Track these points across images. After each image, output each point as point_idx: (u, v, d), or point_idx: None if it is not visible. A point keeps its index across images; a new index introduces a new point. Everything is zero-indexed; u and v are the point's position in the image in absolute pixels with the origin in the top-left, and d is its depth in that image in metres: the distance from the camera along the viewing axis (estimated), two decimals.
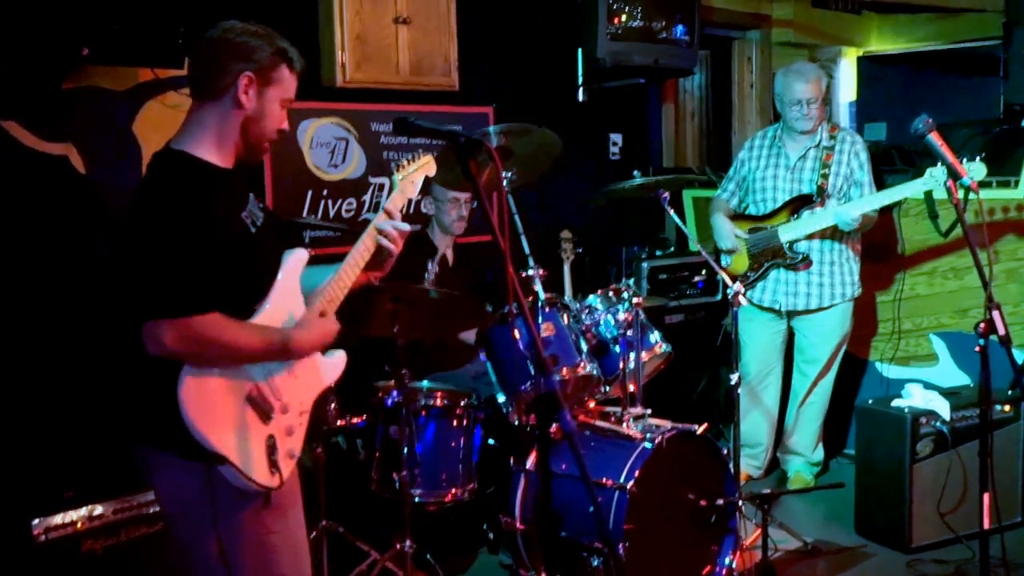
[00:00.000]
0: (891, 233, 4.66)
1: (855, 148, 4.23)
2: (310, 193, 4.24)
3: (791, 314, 4.37)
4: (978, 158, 3.65)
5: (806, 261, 4.23)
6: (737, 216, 4.44)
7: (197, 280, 1.95)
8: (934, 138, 2.74)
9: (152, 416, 2.03)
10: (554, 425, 2.45)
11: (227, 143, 2.11)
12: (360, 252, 2.33)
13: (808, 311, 4.31)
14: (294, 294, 2.22)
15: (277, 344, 2.09)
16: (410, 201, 4.46)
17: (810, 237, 4.22)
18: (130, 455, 2.15)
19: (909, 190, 4.01)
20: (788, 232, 4.23)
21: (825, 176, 4.20)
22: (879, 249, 4.66)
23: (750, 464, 4.54)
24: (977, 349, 2.65)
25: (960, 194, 2.87)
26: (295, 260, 2.22)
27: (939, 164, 3.86)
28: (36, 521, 2.85)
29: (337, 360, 2.36)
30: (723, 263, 4.41)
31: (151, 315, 1.93)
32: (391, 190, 2.53)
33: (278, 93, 2.12)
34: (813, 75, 4.21)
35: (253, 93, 2.08)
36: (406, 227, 2.40)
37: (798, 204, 4.24)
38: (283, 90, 2.14)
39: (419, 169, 2.60)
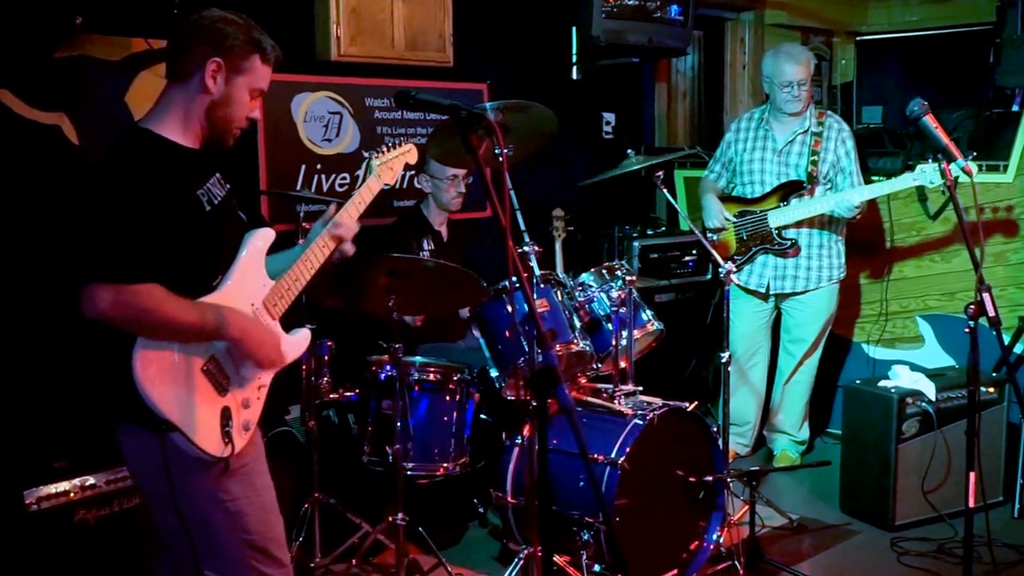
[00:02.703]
0: (879, 216, 4.70)
1: (841, 136, 4.26)
2: (303, 167, 4.23)
3: (778, 296, 4.41)
4: (969, 157, 3.69)
5: (795, 247, 4.27)
6: (726, 198, 4.47)
7: (139, 249, 1.96)
8: (929, 120, 2.76)
9: (111, 386, 2.07)
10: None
11: (192, 124, 2.13)
12: (315, 254, 2.32)
13: (795, 293, 4.35)
14: (257, 274, 2.22)
15: (211, 325, 2.06)
16: (411, 177, 4.52)
17: (799, 225, 4.25)
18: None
19: (900, 184, 4.06)
20: (777, 218, 4.26)
21: (815, 163, 4.23)
22: (868, 231, 4.70)
23: (737, 442, 4.59)
24: (967, 330, 2.68)
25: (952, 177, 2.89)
26: (259, 240, 2.23)
27: (929, 160, 3.92)
28: (28, 491, 2.86)
29: (300, 337, 2.36)
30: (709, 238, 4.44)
31: (89, 278, 1.95)
32: (367, 174, 2.53)
33: (247, 82, 2.15)
34: (803, 57, 4.23)
35: (221, 79, 2.11)
36: (355, 227, 2.40)
37: (788, 190, 4.26)
38: (253, 79, 2.16)
39: (399, 156, 2.61)
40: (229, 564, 2.16)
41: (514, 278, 1.85)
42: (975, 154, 3.68)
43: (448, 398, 3.48)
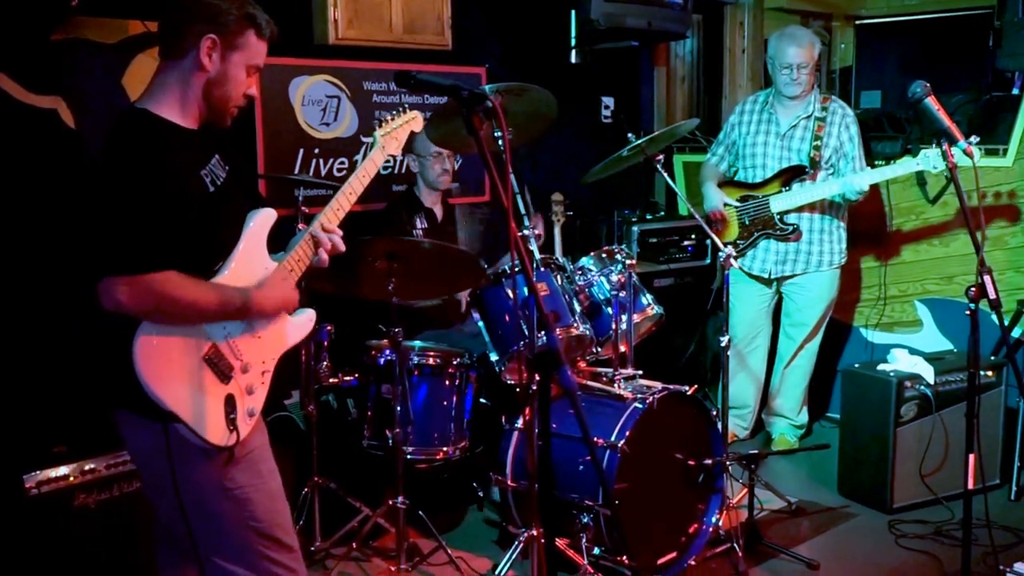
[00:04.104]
0: (878, 199, 4.69)
1: (845, 121, 4.25)
2: (301, 151, 4.21)
3: (780, 279, 4.41)
4: (975, 141, 3.69)
5: (796, 232, 4.26)
6: (728, 183, 4.46)
7: (153, 237, 1.93)
8: (931, 102, 2.75)
9: (111, 374, 2.04)
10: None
11: (190, 104, 2.09)
12: (299, 256, 2.25)
13: (795, 275, 4.35)
14: (259, 255, 2.19)
15: (237, 303, 2.07)
16: (396, 159, 4.49)
17: (800, 210, 4.25)
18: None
19: (902, 168, 4.06)
20: (779, 203, 4.25)
21: (817, 148, 4.22)
22: (866, 216, 4.69)
23: (737, 425, 4.61)
24: (968, 313, 2.67)
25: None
26: (260, 220, 2.19)
27: (933, 145, 3.91)
28: (28, 475, 2.86)
29: (304, 319, 2.33)
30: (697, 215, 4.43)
31: (107, 271, 1.92)
32: (371, 147, 2.48)
33: (243, 58, 2.10)
34: (806, 40, 4.21)
35: (216, 56, 2.06)
36: (341, 246, 2.30)
37: (790, 175, 4.26)
38: (249, 56, 2.11)
39: (403, 125, 2.55)
40: (237, 552, 2.14)
41: (512, 262, 1.83)
42: (977, 139, 3.67)
43: (448, 382, 3.48)
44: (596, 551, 3.15)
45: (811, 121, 4.26)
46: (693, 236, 5.05)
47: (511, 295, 3.26)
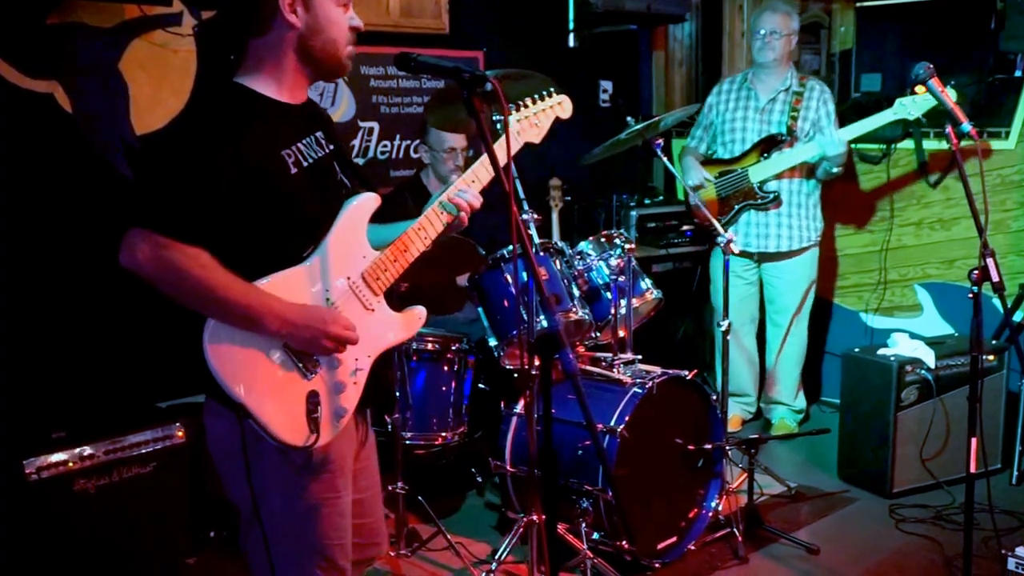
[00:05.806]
0: (879, 183, 4.68)
1: (824, 97, 4.30)
2: None
3: (762, 257, 4.41)
4: (949, 85, 3.67)
5: (776, 201, 4.28)
6: (706, 161, 4.49)
7: (196, 207, 1.78)
8: (935, 84, 2.73)
9: (194, 357, 1.86)
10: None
11: (287, 74, 1.93)
12: (431, 223, 2.07)
13: (779, 254, 4.35)
14: (355, 244, 1.99)
15: (255, 316, 1.82)
16: (407, 147, 4.46)
17: (779, 177, 4.25)
18: (120, 398, 2.10)
19: (882, 119, 4.03)
20: (759, 172, 4.27)
21: (794, 118, 4.27)
22: (867, 199, 4.68)
23: (745, 410, 4.62)
24: (970, 296, 2.66)
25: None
26: (358, 205, 2.00)
27: (908, 92, 3.91)
28: (28, 460, 2.85)
29: (413, 317, 2.12)
30: (691, 201, 4.41)
31: (134, 222, 1.78)
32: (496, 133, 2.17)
33: None
34: (783, 9, 4.30)
35: (300, 8, 1.90)
36: (475, 202, 2.12)
37: (767, 145, 4.29)
38: None
39: (546, 109, 2.26)
40: (288, 563, 1.98)
41: (516, 247, 1.79)
42: (952, 82, 3.64)
43: (446, 368, 3.47)
44: (595, 536, 3.15)
45: (789, 94, 4.32)
46: (694, 221, 5.03)
47: (510, 280, 3.24)
